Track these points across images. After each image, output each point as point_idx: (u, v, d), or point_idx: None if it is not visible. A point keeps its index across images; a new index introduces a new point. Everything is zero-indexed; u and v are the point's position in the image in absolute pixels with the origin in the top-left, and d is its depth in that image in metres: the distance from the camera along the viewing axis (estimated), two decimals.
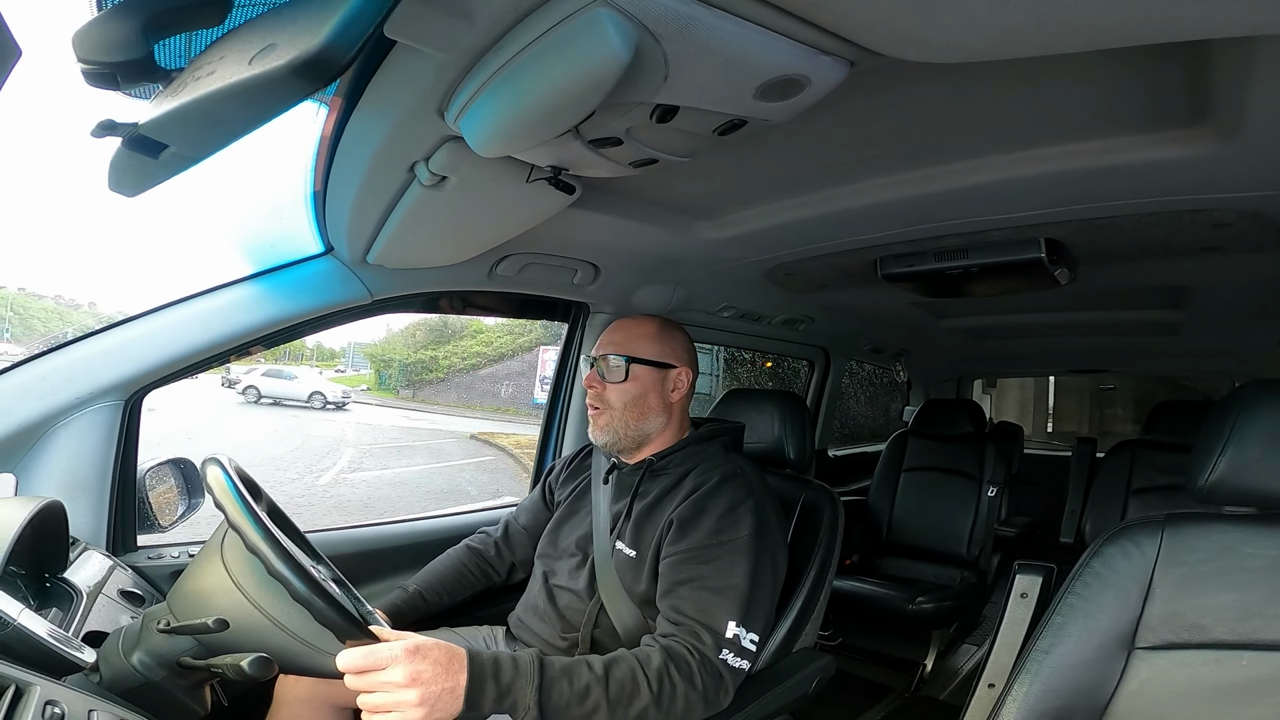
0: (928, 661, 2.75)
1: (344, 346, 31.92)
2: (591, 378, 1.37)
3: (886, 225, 1.43)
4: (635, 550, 1.28)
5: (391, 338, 26.24)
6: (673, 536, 1.22)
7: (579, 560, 1.36)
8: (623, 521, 1.32)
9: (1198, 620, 0.86)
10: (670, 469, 1.34)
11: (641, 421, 1.36)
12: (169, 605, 0.90)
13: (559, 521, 1.47)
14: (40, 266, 48.27)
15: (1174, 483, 2.65)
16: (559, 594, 1.36)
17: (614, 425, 1.35)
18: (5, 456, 1.12)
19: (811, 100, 0.81)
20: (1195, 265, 1.63)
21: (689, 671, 1.07)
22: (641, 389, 1.35)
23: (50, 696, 0.69)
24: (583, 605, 1.31)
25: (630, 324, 1.42)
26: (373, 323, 5.32)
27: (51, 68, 0.67)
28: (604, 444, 1.38)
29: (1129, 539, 0.92)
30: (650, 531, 1.27)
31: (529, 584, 1.46)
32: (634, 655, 1.07)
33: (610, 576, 1.29)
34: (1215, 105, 0.89)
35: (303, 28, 0.52)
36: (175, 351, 1.25)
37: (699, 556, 1.18)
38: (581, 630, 1.29)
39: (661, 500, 1.30)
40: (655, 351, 1.37)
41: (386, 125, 0.91)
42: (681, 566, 1.18)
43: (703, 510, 1.22)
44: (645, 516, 1.30)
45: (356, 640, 0.88)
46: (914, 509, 3.14)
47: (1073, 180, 1.13)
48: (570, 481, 1.54)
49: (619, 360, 1.35)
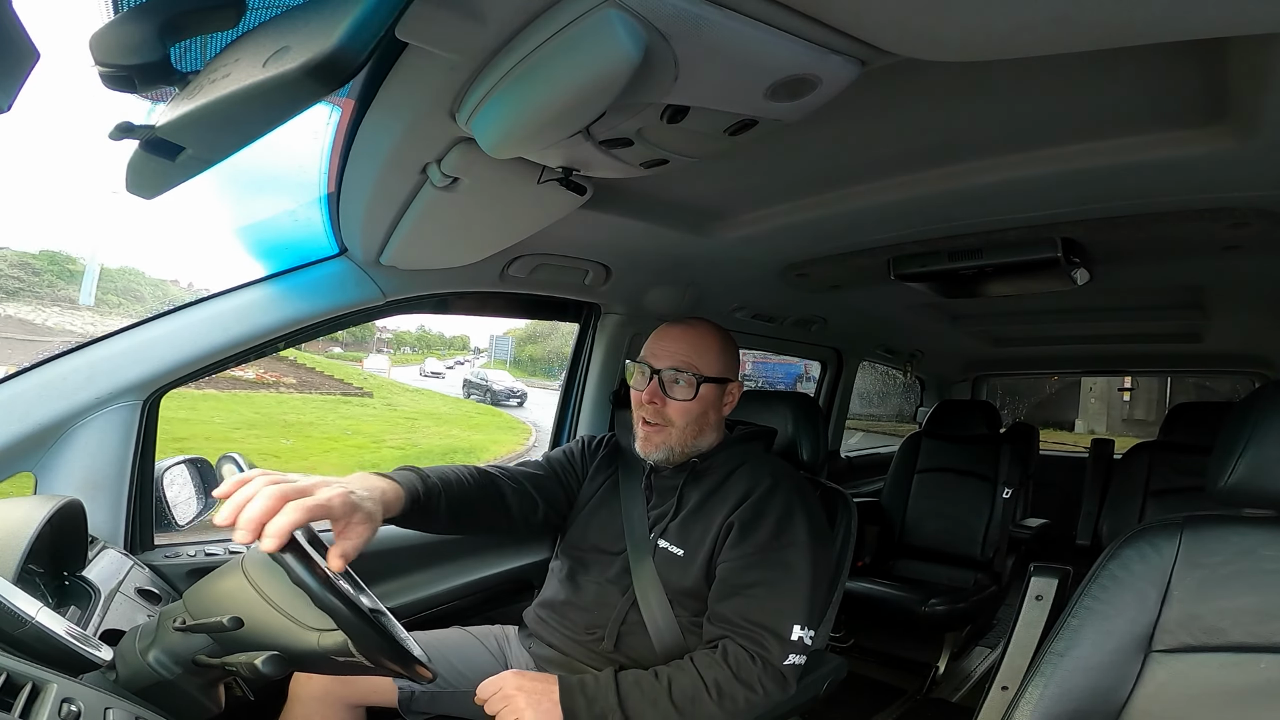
0: (940, 664, 2.73)
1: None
2: (653, 392, 1.28)
3: (900, 225, 1.43)
4: (683, 549, 1.27)
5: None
6: (733, 540, 1.22)
7: (610, 557, 1.34)
8: (668, 521, 1.31)
9: (1216, 623, 0.85)
10: (713, 470, 1.33)
11: (698, 438, 1.32)
12: (185, 603, 0.91)
13: (588, 516, 1.41)
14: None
15: (1193, 485, 2.61)
16: (588, 588, 1.34)
17: (671, 443, 1.30)
18: (26, 455, 1.13)
19: (823, 100, 0.81)
20: (1215, 265, 1.61)
21: (751, 678, 1.11)
22: (704, 407, 1.30)
23: (67, 694, 0.70)
24: (614, 601, 1.30)
25: (693, 333, 1.32)
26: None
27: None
28: (656, 460, 1.32)
29: (1147, 541, 0.91)
30: (699, 531, 1.26)
31: (548, 580, 1.45)
32: (695, 664, 1.12)
33: (647, 573, 1.28)
34: (1233, 103, 0.88)
35: (316, 30, 0.53)
36: (193, 352, 1.27)
37: (763, 561, 1.19)
38: (609, 626, 1.29)
39: (709, 501, 1.29)
40: (720, 367, 1.31)
41: (399, 127, 0.91)
42: (745, 571, 1.19)
43: (762, 513, 1.23)
44: (693, 517, 1.29)
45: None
46: (928, 510, 3.12)
47: (1089, 179, 1.12)
48: (597, 475, 1.47)
49: (689, 377, 1.27)
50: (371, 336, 27.38)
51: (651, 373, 1.29)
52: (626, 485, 1.40)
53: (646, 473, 1.38)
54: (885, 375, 4.74)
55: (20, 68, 0.50)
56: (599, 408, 2.02)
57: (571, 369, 2.07)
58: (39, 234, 47.97)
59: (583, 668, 1.27)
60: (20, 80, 0.51)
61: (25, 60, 0.50)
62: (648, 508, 1.35)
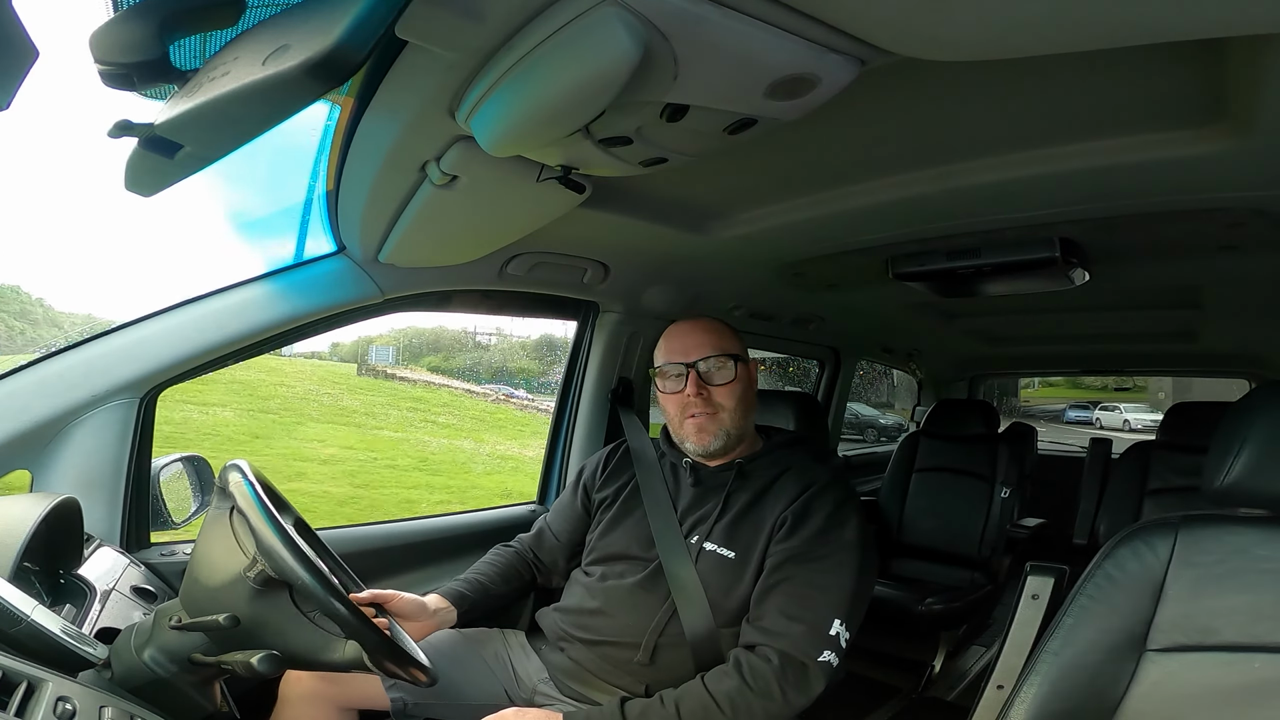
0: (936, 662, 2.74)
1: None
2: (697, 384, 1.29)
3: (898, 224, 1.43)
4: (734, 551, 1.24)
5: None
6: (784, 533, 1.20)
7: (642, 564, 1.30)
8: (713, 522, 1.28)
9: (1209, 622, 0.85)
10: (759, 472, 1.31)
11: (748, 417, 1.34)
12: (181, 602, 0.91)
13: (610, 524, 1.39)
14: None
15: (1190, 484, 2.61)
16: (616, 594, 1.30)
17: (727, 428, 1.30)
18: (22, 452, 1.13)
19: (822, 99, 0.81)
20: (1211, 264, 1.61)
21: (767, 686, 1.07)
22: (745, 385, 1.32)
23: (62, 693, 0.69)
24: (649, 610, 1.25)
25: (706, 325, 1.35)
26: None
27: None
28: (715, 449, 1.31)
29: (1142, 540, 0.91)
30: (750, 530, 1.24)
31: (569, 588, 1.41)
32: (705, 684, 1.08)
33: (687, 579, 1.24)
34: (1231, 103, 0.88)
35: (315, 28, 0.53)
36: (190, 349, 1.26)
37: (812, 554, 1.17)
38: (645, 640, 1.23)
39: (759, 501, 1.27)
40: (739, 347, 1.34)
41: (398, 125, 0.91)
42: (787, 565, 1.17)
43: (815, 510, 1.21)
44: (743, 517, 1.26)
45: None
46: (925, 510, 3.12)
47: (1087, 179, 1.12)
48: (612, 481, 1.46)
49: (726, 360, 1.30)
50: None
51: (687, 369, 1.30)
52: (648, 488, 1.38)
53: (689, 469, 1.35)
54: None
55: (19, 66, 0.50)
56: (597, 405, 2.02)
57: (570, 366, 2.07)
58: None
59: (609, 689, 1.24)
60: (19, 79, 0.51)
61: (24, 58, 0.50)
62: (682, 509, 1.33)
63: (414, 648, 1.08)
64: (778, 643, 1.10)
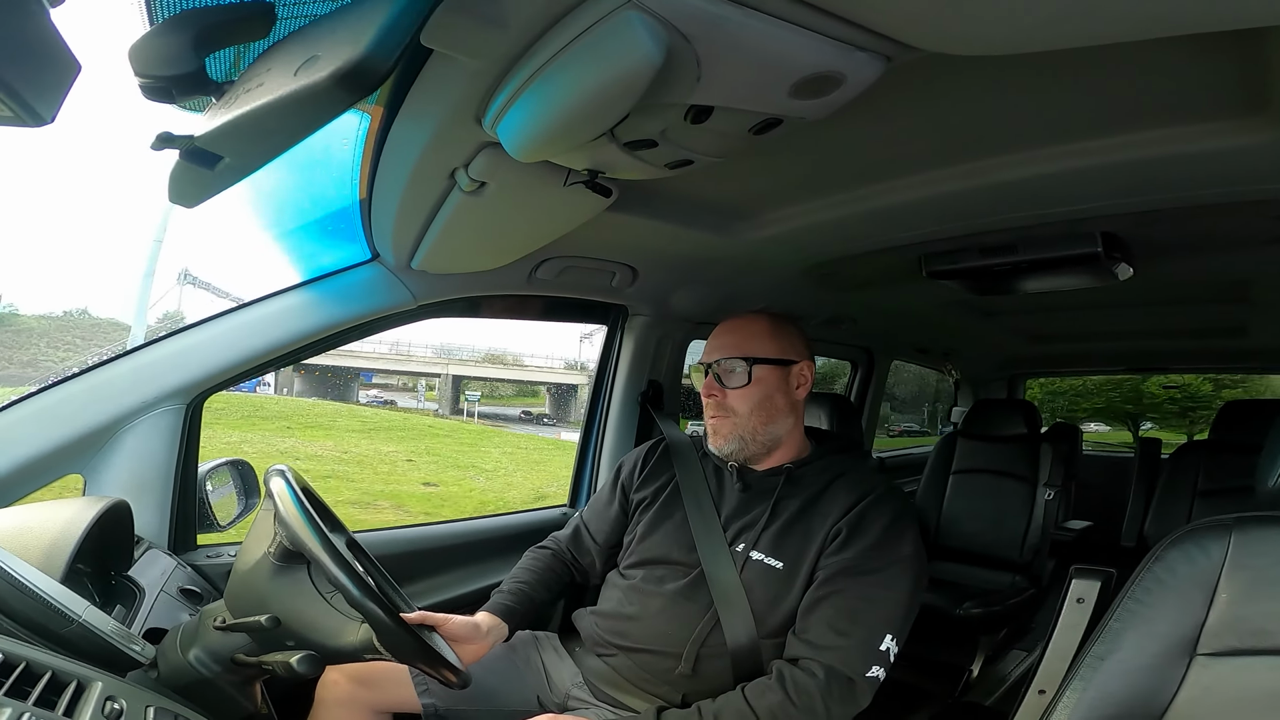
0: (974, 667, 2.67)
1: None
2: (710, 385, 1.29)
3: (930, 222, 1.40)
4: (782, 562, 1.20)
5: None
6: (837, 545, 1.16)
7: (683, 570, 1.27)
8: (760, 530, 1.24)
9: (1264, 625, 0.82)
10: (809, 478, 1.27)
11: (770, 424, 1.29)
12: (225, 602, 0.93)
13: (650, 526, 1.36)
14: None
15: (1243, 485, 2.52)
16: (655, 601, 1.27)
17: (740, 433, 1.28)
18: (75, 457, 1.17)
19: (848, 97, 0.80)
20: (1259, 258, 1.56)
21: (811, 703, 1.04)
22: (766, 391, 1.28)
23: (110, 693, 0.71)
24: (692, 620, 1.22)
25: (740, 324, 1.34)
26: None
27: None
28: (730, 452, 1.30)
29: (1194, 542, 0.88)
30: (799, 540, 1.20)
31: (605, 591, 1.38)
32: (746, 697, 1.06)
33: (732, 589, 1.20)
34: (1272, 93, 0.85)
35: (343, 38, 0.54)
36: (234, 357, 1.30)
37: (864, 567, 1.14)
38: (686, 649, 1.20)
39: (809, 509, 1.23)
40: (774, 349, 1.29)
41: (426, 133, 0.93)
42: (840, 577, 1.14)
43: (871, 521, 1.18)
44: (792, 525, 1.22)
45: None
46: (963, 512, 3.06)
47: (1125, 172, 1.09)
48: (651, 481, 1.43)
49: (739, 363, 1.28)
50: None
51: (706, 369, 1.31)
52: (689, 489, 1.35)
53: (734, 473, 1.32)
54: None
55: (62, 80, 0.52)
56: (627, 408, 2.03)
57: (600, 370, 2.08)
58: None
59: (645, 696, 1.23)
60: (63, 93, 0.52)
61: (68, 73, 0.52)
62: (726, 514, 1.29)
63: (446, 648, 1.09)
64: (824, 657, 1.08)
